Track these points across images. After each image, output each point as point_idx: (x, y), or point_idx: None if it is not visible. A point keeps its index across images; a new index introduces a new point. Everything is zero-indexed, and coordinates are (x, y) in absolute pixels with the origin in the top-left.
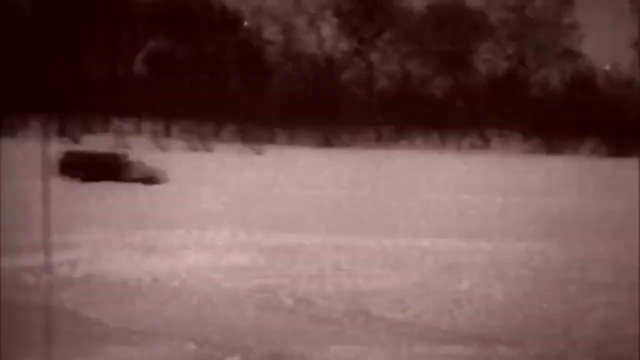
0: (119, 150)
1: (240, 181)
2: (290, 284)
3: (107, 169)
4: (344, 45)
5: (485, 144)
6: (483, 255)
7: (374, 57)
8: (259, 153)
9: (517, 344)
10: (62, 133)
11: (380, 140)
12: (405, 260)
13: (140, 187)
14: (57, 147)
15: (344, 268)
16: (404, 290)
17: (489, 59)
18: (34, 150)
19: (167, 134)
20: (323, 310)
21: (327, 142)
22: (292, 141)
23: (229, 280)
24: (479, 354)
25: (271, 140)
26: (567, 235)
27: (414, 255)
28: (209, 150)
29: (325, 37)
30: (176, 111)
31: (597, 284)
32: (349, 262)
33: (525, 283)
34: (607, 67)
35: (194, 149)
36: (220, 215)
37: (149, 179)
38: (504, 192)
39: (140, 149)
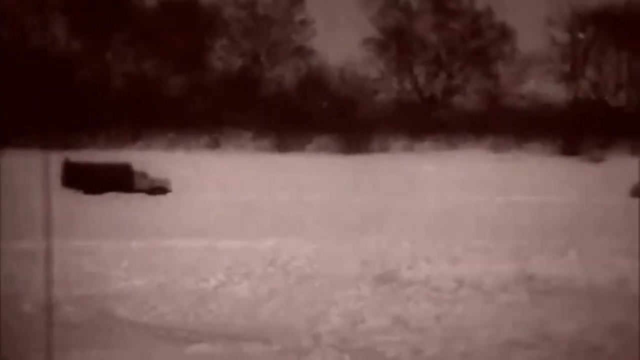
0: (123, 161)
1: None
2: (33, 292)
3: (112, 180)
4: (77, 44)
5: (217, 143)
6: (228, 254)
7: (109, 56)
8: None
9: (262, 340)
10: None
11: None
12: (151, 261)
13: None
14: (58, 158)
15: (88, 271)
16: (149, 291)
17: (224, 57)
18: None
19: None
20: (67, 314)
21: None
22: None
23: None
24: (225, 351)
25: None
26: (312, 231)
27: (160, 257)
28: None
29: (58, 36)
30: None
31: (342, 278)
32: (93, 265)
33: (271, 280)
34: (340, 65)
35: None
36: None
37: (155, 190)
38: (247, 191)
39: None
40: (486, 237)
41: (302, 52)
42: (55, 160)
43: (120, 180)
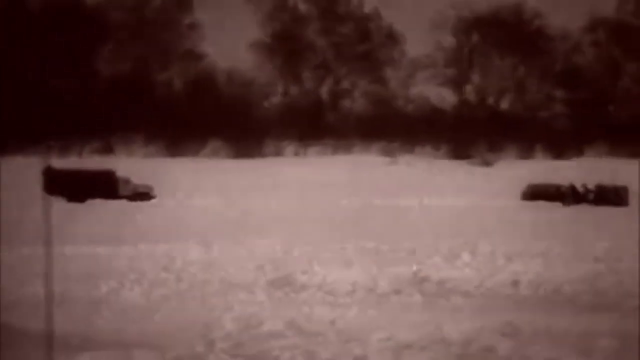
0: (108, 168)
1: None
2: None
3: (96, 186)
4: None
5: (110, 148)
6: (121, 259)
7: None
8: None
9: (154, 346)
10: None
11: None
12: (43, 268)
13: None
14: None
15: None
16: (40, 298)
17: (112, 61)
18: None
19: None
20: None
21: None
22: None
23: None
24: (116, 359)
25: None
26: (205, 236)
27: (52, 264)
28: None
29: None
30: None
31: (236, 283)
32: None
33: (164, 285)
34: (229, 68)
35: None
36: None
37: (137, 196)
38: None
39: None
40: (379, 240)
41: (191, 55)
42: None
43: (104, 186)
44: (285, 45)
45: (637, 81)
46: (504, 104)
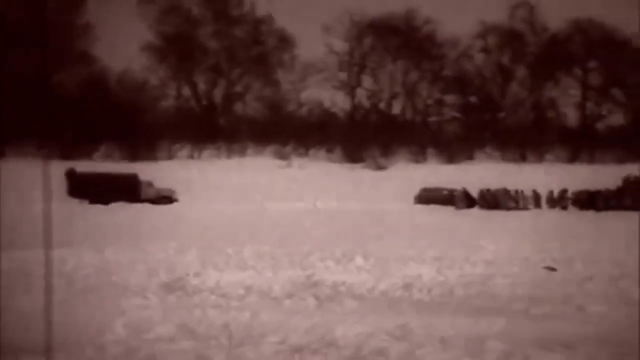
0: (130, 172)
1: None
2: None
3: (119, 190)
4: None
5: (2, 152)
6: (10, 262)
7: None
8: None
9: (44, 352)
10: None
11: None
12: None
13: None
14: (62, 168)
15: None
16: None
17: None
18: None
19: None
20: None
21: None
22: None
23: None
24: None
25: None
26: (98, 240)
27: None
28: None
29: None
30: None
31: (128, 287)
32: None
33: (56, 290)
34: (121, 70)
35: None
36: None
37: (160, 199)
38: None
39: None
40: (274, 243)
41: (85, 58)
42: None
43: (127, 190)
44: (178, 48)
45: (526, 87)
46: (396, 109)
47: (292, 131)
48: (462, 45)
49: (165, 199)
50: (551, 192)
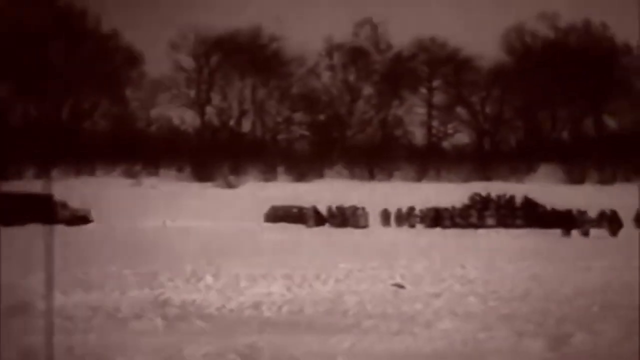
0: (45, 192)
1: None
2: None
3: (32, 211)
4: None
5: None
6: None
7: None
8: None
9: None
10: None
11: None
12: None
13: None
14: None
15: None
16: None
17: None
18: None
19: None
20: None
21: None
22: None
23: None
24: None
25: None
26: None
27: None
28: None
29: None
30: None
31: None
32: None
33: None
34: None
35: None
36: None
37: (75, 220)
38: None
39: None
40: (122, 263)
41: None
42: None
43: (41, 210)
44: (22, 65)
45: (373, 106)
46: (246, 126)
47: (141, 149)
48: (309, 62)
49: (82, 219)
50: (399, 210)
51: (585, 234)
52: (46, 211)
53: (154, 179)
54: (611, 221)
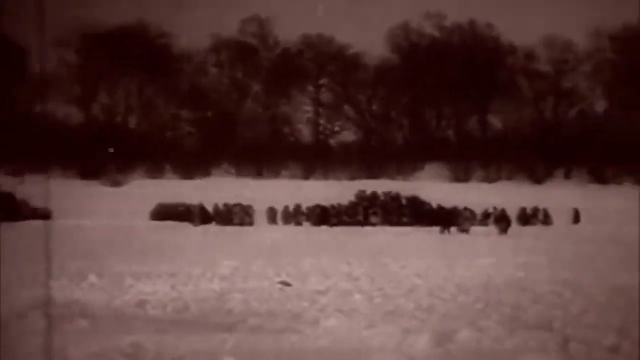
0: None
1: None
2: None
3: None
4: None
5: None
6: None
7: None
8: None
9: None
10: None
11: None
12: None
13: None
14: None
15: None
16: None
17: None
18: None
19: None
20: None
21: None
22: None
23: None
24: None
25: None
26: None
27: None
28: None
29: None
30: None
31: None
32: None
33: None
34: None
35: None
36: None
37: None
38: None
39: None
40: (5, 263)
41: None
42: None
43: (3, 208)
44: None
45: (261, 103)
46: (132, 123)
47: (28, 147)
48: (196, 59)
49: (43, 217)
50: (286, 208)
51: (465, 231)
52: (8, 209)
53: (39, 177)
54: (500, 219)
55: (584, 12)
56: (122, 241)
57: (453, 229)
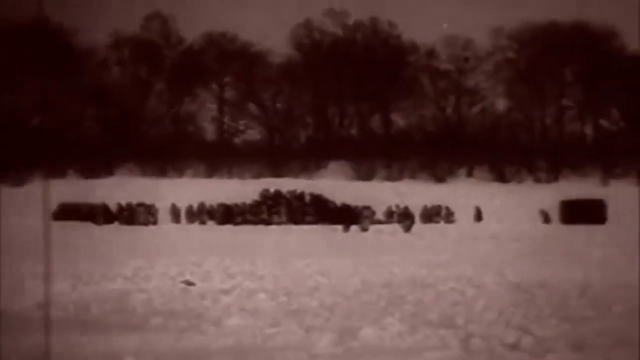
0: None
1: None
2: None
3: None
4: None
5: None
6: None
7: None
8: None
9: None
10: None
11: None
12: None
13: None
14: None
15: None
16: None
17: None
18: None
19: None
20: None
21: None
22: None
23: None
24: None
25: None
26: None
27: None
28: None
29: None
30: None
31: None
32: None
33: None
34: None
35: None
36: None
37: None
38: None
39: None
40: None
41: None
42: None
43: None
44: None
45: (165, 101)
46: (35, 121)
47: None
48: (99, 56)
49: None
50: (190, 206)
51: (365, 230)
52: None
53: None
54: (403, 217)
55: (485, 11)
56: (23, 242)
57: (354, 227)
